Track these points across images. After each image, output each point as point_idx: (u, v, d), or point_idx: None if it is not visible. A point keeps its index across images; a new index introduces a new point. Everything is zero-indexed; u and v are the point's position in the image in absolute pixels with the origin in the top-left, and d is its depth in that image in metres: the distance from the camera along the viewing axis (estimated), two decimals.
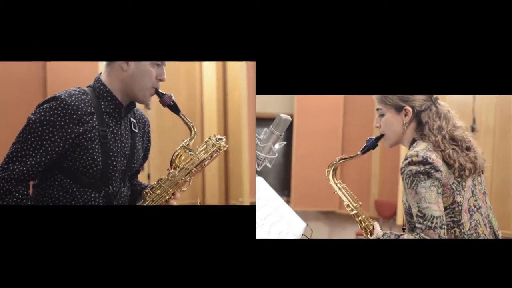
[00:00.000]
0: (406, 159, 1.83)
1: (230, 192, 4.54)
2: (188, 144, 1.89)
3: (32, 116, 1.75)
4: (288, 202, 5.03)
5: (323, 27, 2.15)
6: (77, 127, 1.75)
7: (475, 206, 1.87)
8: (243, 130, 4.48)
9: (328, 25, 2.15)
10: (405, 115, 1.92)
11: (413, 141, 1.92)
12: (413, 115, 1.92)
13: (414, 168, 1.80)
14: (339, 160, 2.12)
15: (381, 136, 1.99)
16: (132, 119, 1.95)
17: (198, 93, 4.58)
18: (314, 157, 4.96)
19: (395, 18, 2.15)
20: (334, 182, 2.12)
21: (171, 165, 1.90)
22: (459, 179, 1.84)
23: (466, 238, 1.83)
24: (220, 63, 4.52)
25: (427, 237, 1.75)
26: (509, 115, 4.01)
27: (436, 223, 1.76)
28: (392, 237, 1.88)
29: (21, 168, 1.74)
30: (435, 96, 1.95)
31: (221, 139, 1.94)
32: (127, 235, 1.91)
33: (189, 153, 1.89)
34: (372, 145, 2.03)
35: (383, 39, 2.16)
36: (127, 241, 1.91)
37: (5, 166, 1.73)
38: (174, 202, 1.92)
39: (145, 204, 1.87)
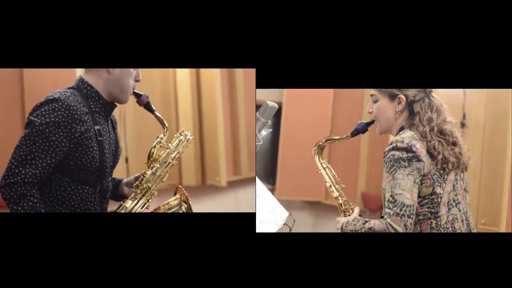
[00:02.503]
0: (391, 143, 1.85)
1: (207, 173, 4.61)
2: (162, 139, 2.02)
3: (36, 119, 1.78)
4: (273, 190, 5.00)
5: (314, 29, 2.18)
6: (79, 126, 1.82)
7: (454, 201, 1.88)
8: (218, 111, 4.51)
9: (319, 27, 2.18)
10: (398, 103, 1.94)
11: (401, 128, 1.94)
12: (406, 104, 1.94)
13: (396, 153, 1.82)
14: (325, 140, 2.13)
15: (372, 121, 2.01)
16: (111, 118, 2.05)
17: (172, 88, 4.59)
18: (302, 146, 4.91)
19: (384, 16, 2.16)
20: (320, 161, 2.14)
21: (148, 159, 2.01)
22: (441, 171, 1.86)
23: (442, 230, 1.86)
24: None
25: (393, 223, 1.77)
26: (499, 111, 4.00)
27: (405, 211, 1.78)
28: (360, 222, 1.88)
29: (34, 171, 1.75)
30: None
31: (186, 134, 2.10)
32: (132, 237, 1.99)
33: (165, 147, 2.03)
34: (362, 129, 2.04)
35: (374, 37, 2.18)
36: (132, 243, 1.99)
37: (16, 171, 1.73)
38: (155, 193, 2.02)
39: (136, 197, 1.96)
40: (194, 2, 2.13)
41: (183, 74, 4.46)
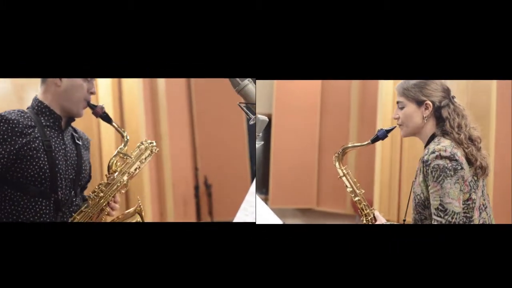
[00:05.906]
0: (433, 152, 1.90)
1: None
2: (122, 150, 2.02)
3: None
4: (266, 200, 5.08)
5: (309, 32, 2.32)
6: (20, 139, 1.87)
7: (483, 205, 1.96)
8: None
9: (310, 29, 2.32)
10: (426, 109, 2.00)
11: (433, 136, 1.99)
12: (433, 109, 1.99)
13: (441, 163, 1.87)
14: (346, 147, 2.18)
15: (393, 128, 2.06)
16: (74, 133, 2.07)
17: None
18: (292, 156, 5.02)
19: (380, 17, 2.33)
20: (340, 167, 2.19)
21: (108, 171, 2.03)
22: (475, 178, 1.93)
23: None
24: (115, 81, 4.39)
25: None
26: (480, 115, 4.08)
27: (456, 218, 1.85)
28: None
29: None
30: (452, 94, 2.02)
31: (152, 142, 2.08)
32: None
33: (125, 157, 2.02)
34: (382, 135, 2.10)
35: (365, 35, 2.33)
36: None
37: None
38: (116, 205, 2.05)
39: (89, 208, 1.99)
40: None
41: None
